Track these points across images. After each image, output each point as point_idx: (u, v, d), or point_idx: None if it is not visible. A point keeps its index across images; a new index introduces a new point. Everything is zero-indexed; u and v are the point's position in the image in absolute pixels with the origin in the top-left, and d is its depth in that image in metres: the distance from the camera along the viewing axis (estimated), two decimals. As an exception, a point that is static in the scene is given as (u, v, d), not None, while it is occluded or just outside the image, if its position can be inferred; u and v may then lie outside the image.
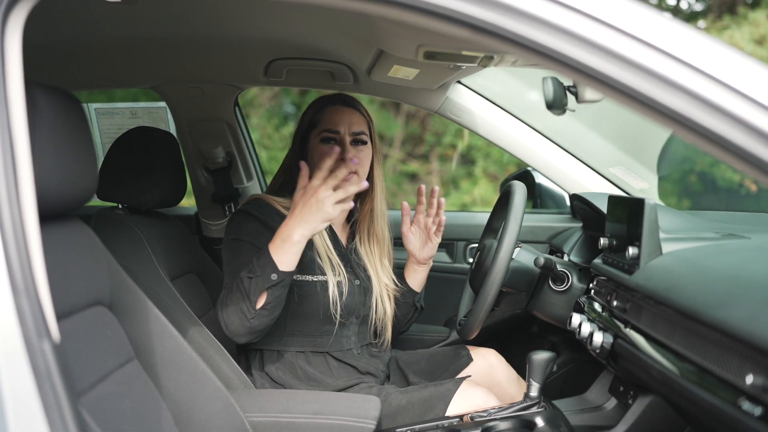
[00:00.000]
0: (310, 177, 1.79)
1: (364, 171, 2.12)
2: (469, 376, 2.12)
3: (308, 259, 2.02)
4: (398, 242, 2.34)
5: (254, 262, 1.80)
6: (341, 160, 2.03)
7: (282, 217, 1.93)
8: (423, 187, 2.21)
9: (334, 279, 2.04)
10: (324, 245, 2.07)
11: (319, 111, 2.13)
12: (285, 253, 1.78)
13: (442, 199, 2.19)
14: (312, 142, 2.11)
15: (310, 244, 2.02)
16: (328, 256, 2.06)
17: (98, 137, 3.12)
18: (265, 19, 2.10)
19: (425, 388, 1.98)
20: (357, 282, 2.13)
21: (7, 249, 0.97)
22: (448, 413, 1.90)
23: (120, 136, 2.14)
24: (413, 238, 2.26)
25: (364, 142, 2.11)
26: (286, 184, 2.15)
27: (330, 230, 2.15)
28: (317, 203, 1.72)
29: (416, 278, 2.33)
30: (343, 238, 2.21)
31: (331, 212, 1.73)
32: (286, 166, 2.19)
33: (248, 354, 2.10)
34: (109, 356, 1.37)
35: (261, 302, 1.79)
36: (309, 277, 2.02)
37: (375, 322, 2.20)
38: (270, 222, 1.98)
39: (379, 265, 2.22)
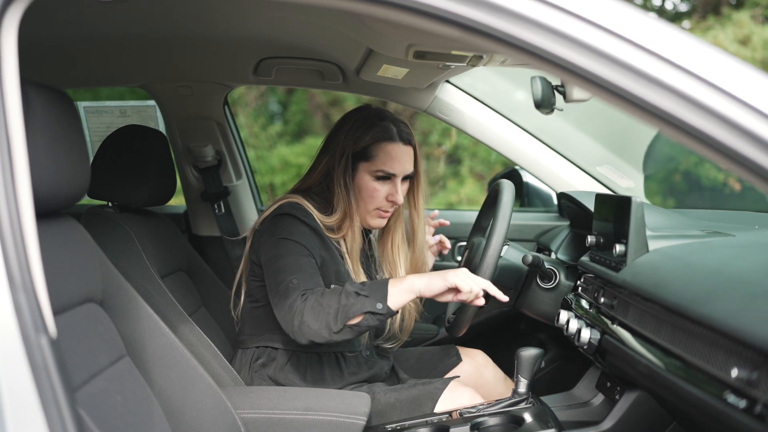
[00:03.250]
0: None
1: (402, 199, 2.13)
2: (458, 376, 2.14)
3: (339, 268, 2.04)
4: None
5: (368, 283, 1.81)
6: (390, 202, 2.09)
7: (318, 225, 2.00)
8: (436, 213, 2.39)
9: None
10: (359, 270, 2.09)
11: (377, 144, 2.05)
12: (401, 293, 1.78)
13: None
14: (361, 175, 2.07)
15: (340, 253, 2.06)
16: (354, 267, 2.08)
17: (87, 136, 3.11)
18: (255, 18, 2.10)
19: (414, 387, 2.00)
20: None
21: (5, 246, 0.98)
22: (435, 411, 1.93)
23: (110, 134, 2.14)
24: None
25: (411, 177, 2.15)
26: (322, 194, 2.11)
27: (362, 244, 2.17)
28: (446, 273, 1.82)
29: None
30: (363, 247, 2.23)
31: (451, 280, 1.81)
32: (323, 178, 2.12)
33: (252, 353, 2.09)
34: (101, 353, 1.38)
35: (354, 321, 1.76)
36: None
37: (390, 327, 2.23)
38: (319, 230, 1.99)
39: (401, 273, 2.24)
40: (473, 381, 2.22)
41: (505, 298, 1.86)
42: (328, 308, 1.75)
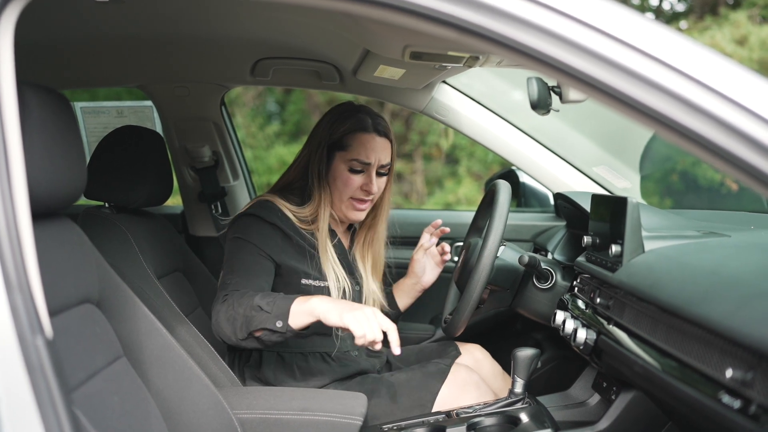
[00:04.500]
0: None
1: (378, 195, 2.18)
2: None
3: (316, 265, 2.05)
4: (397, 241, 2.50)
5: (276, 299, 1.78)
6: (365, 191, 2.10)
7: (288, 222, 2.01)
8: (439, 221, 2.36)
9: (339, 285, 2.08)
10: (331, 253, 2.10)
11: (352, 134, 2.09)
12: (301, 315, 1.75)
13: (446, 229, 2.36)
14: (337, 164, 2.10)
15: (317, 250, 2.07)
16: (333, 264, 2.09)
17: (84, 136, 3.11)
18: (252, 19, 2.11)
19: (424, 366, 2.07)
20: (357, 288, 2.18)
21: (1, 247, 0.98)
22: (434, 410, 1.94)
23: (106, 135, 2.13)
24: (421, 263, 2.36)
25: (387, 173, 2.17)
26: (302, 188, 2.14)
27: (338, 242, 2.18)
28: (350, 312, 1.70)
29: (405, 301, 2.41)
30: (345, 242, 2.26)
31: (345, 321, 1.70)
32: (304, 170, 2.16)
33: (242, 354, 2.10)
34: (98, 354, 1.38)
35: (257, 334, 1.78)
36: (316, 283, 2.05)
37: None
38: (279, 224, 2.01)
39: (370, 272, 2.28)
40: None
41: (397, 352, 1.72)
42: (237, 315, 1.77)
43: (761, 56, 8.34)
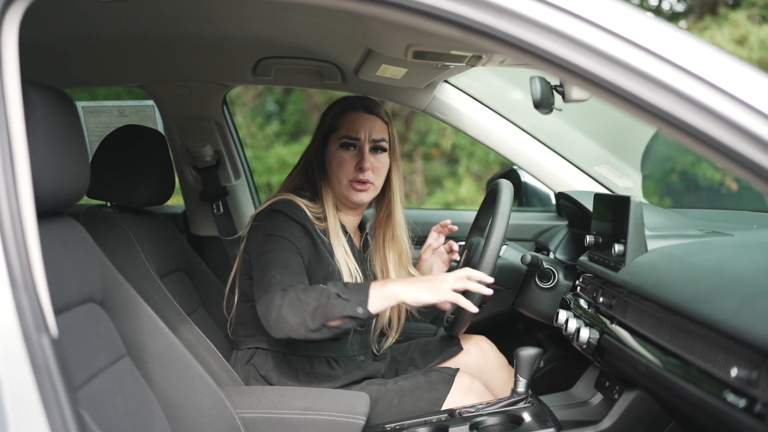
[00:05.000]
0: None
1: (381, 179, 2.14)
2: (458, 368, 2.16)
3: (330, 270, 2.04)
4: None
5: (349, 285, 1.79)
6: (359, 169, 2.07)
7: (309, 220, 2.01)
8: (448, 222, 2.33)
9: (351, 279, 2.07)
10: (345, 255, 2.08)
11: (340, 115, 2.12)
12: (382, 300, 1.77)
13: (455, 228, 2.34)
14: (331, 147, 2.11)
15: (332, 254, 2.06)
16: (349, 268, 2.08)
17: (86, 136, 3.11)
18: (254, 18, 2.11)
19: (427, 374, 2.06)
20: None
21: (6, 245, 0.98)
22: (443, 408, 1.95)
23: (108, 134, 2.13)
24: (429, 263, 2.36)
25: (384, 149, 2.13)
26: (305, 185, 2.15)
27: (349, 239, 2.16)
28: (439, 283, 1.79)
29: None
30: (356, 242, 2.24)
31: (443, 296, 1.79)
32: (305, 166, 2.19)
33: (244, 355, 2.10)
34: (101, 353, 1.38)
35: (333, 323, 1.75)
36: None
37: (381, 328, 2.25)
38: (308, 226, 2.00)
39: (393, 271, 2.25)
40: (479, 365, 2.24)
41: (488, 291, 1.85)
42: (307, 305, 1.74)
43: (761, 56, 8.34)
